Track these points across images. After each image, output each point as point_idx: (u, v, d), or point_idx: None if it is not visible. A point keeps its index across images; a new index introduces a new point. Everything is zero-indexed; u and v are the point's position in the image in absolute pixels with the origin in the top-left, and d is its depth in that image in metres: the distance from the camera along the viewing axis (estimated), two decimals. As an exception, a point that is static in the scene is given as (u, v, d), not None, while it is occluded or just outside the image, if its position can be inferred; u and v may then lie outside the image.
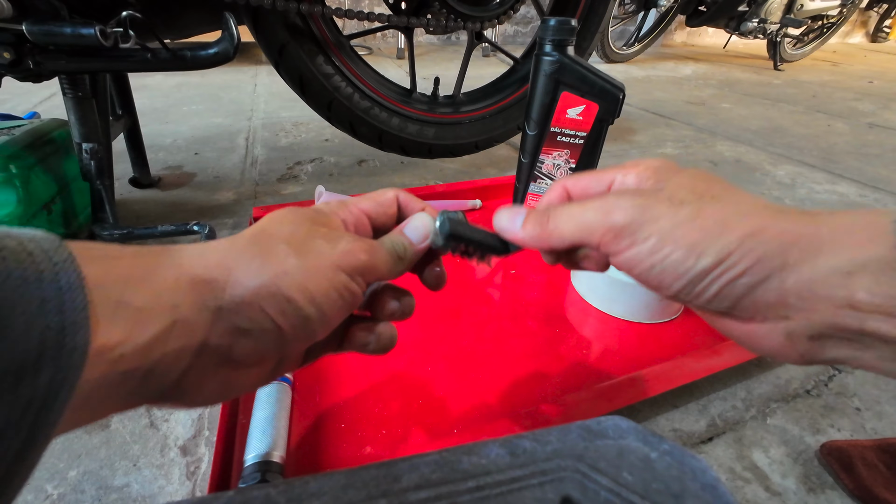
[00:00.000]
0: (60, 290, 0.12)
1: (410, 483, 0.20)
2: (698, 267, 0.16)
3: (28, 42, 0.48)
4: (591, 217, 0.19)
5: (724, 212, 0.17)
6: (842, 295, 0.14)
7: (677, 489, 0.20)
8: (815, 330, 0.15)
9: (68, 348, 0.12)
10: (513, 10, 0.79)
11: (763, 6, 2.13)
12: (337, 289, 0.18)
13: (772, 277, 0.15)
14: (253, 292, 0.16)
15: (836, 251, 0.14)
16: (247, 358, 0.17)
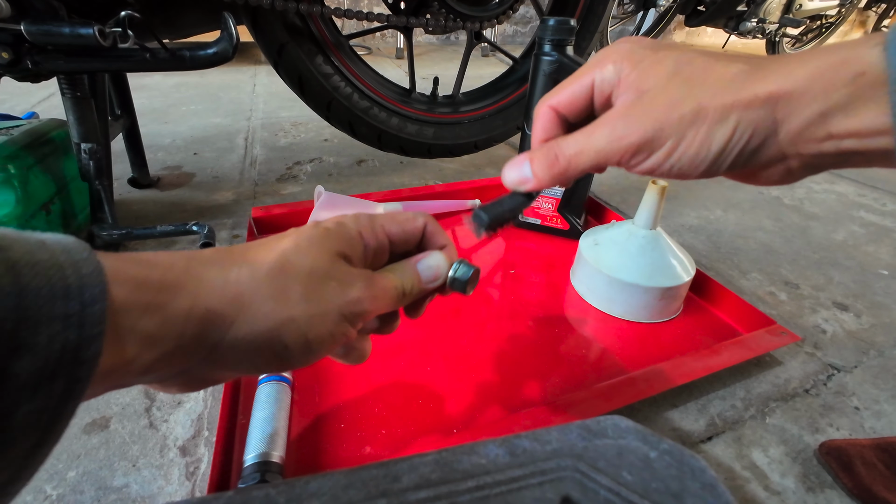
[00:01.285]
0: (83, 306, 0.13)
1: (410, 483, 0.20)
2: (711, 154, 0.19)
3: (26, 42, 0.48)
4: (602, 143, 0.20)
5: (716, 94, 0.18)
6: (822, 132, 0.17)
7: (677, 488, 0.20)
8: (807, 161, 0.19)
9: (81, 361, 0.13)
10: (512, 10, 0.79)
11: (762, 6, 2.13)
12: (334, 334, 0.19)
13: (769, 138, 0.18)
14: (254, 337, 0.17)
15: (812, 99, 0.17)
16: (211, 379, 0.20)
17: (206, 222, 0.61)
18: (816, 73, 0.17)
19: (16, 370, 0.11)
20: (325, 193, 0.62)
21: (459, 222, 0.71)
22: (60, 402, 0.13)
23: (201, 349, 0.17)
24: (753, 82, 0.18)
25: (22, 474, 0.13)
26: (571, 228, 0.67)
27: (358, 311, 0.20)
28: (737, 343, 0.47)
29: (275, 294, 0.18)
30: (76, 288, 0.13)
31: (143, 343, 0.15)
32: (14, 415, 0.12)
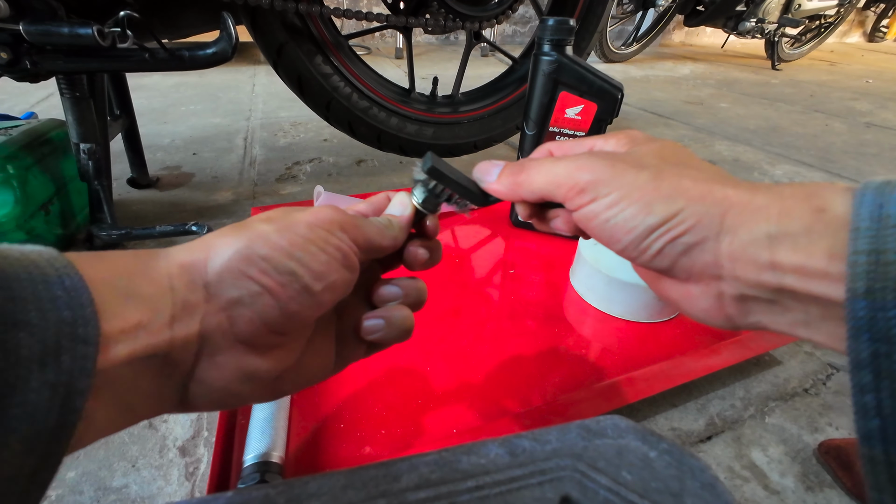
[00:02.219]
0: (67, 290, 0.13)
1: (410, 483, 0.20)
2: (646, 223, 0.18)
3: (25, 42, 0.47)
4: (560, 171, 0.20)
5: (680, 177, 0.18)
6: (765, 257, 0.15)
7: (676, 488, 0.20)
8: (742, 290, 0.17)
9: (81, 338, 0.13)
10: (511, 10, 0.79)
11: (761, 6, 2.13)
12: (316, 242, 0.18)
13: (709, 239, 0.17)
14: (230, 260, 0.17)
15: (766, 218, 0.16)
16: (253, 333, 0.17)
17: (206, 222, 0.61)
18: (777, 196, 0.16)
19: (17, 342, 0.11)
20: (325, 193, 0.62)
21: (458, 222, 0.71)
22: (72, 377, 0.12)
23: (197, 296, 0.16)
24: (715, 182, 0.18)
25: (48, 463, 0.12)
26: (571, 228, 0.67)
27: (328, 218, 0.19)
28: (736, 342, 0.47)
29: (236, 230, 0.18)
30: (55, 277, 0.13)
31: (142, 307, 0.15)
32: (28, 384, 0.12)
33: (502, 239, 0.68)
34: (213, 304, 0.17)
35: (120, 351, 0.14)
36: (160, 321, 0.15)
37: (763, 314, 0.17)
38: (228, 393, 0.18)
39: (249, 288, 0.17)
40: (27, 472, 0.12)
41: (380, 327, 0.21)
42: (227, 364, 0.17)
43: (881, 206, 0.13)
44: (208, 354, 0.17)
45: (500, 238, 0.68)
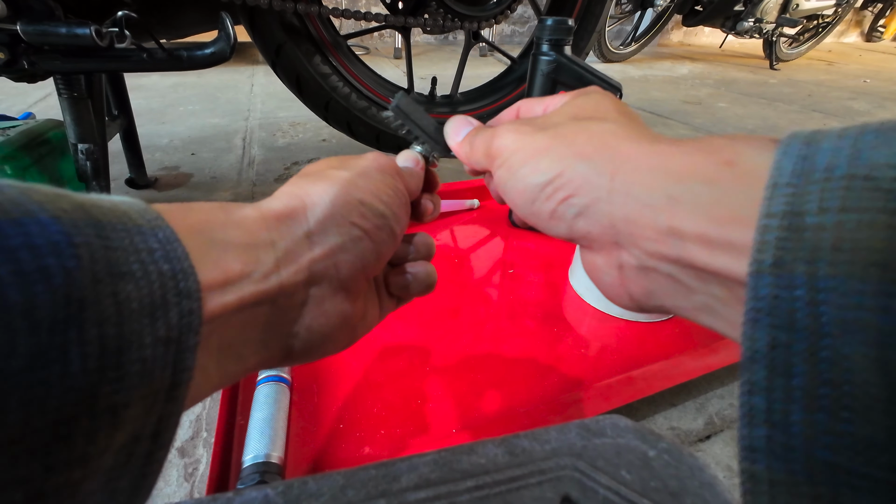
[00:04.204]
0: (161, 243, 0.12)
1: (409, 483, 0.20)
2: (534, 182, 0.17)
3: (23, 42, 0.47)
4: (486, 140, 0.20)
5: (577, 133, 0.17)
6: (664, 221, 0.13)
7: (675, 487, 0.20)
8: (643, 261, 0.14)
9: (184, 292, 0.12)
10: (510, 10, 0.79)
11: (759, 6, 2.14)
12: (391, 186, 0.20)
13: (599, 200, 0.15)
14: (332, 206, 0.17)
15: (666, 174, 0.13)
16: (354, 277, 0.18)
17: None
18: (682, 150, 0.14)
19: (126, 293, 0.10)
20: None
21: (458, 222, 0.71)
22: (182, 331, 0.12)
23: (301, 245, 0.16)
24: (615, 136, 0.16)
25: (168, 423, 0.12)
26: (570, 228, 0.67)
27: (386, 164, 0.21)
28: (735, 342, 0.47)
29: (318, 180, 0.18)
30: (148, 228, 0.12)
31: (244, 256, 0.14)
32: (142, 339, 0.11)
33: (501, 239, 0.68)
34: (318, 251, 0.17)
35: (224, 301, 0.13)
36: (263, 269, 0.15)
37: (665, 296, 0.15)
38: (329, 340, 0.18)
39: (352, 233, 0.17)
40: (149, 432, 0.11)
41: (407, 282, 0.22)
42: (331, 310, 0.18)
43: (805, 157, 0.10)
44: (316, 302, 0.17)
45: (499, 238, 0.68)
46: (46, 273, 0.09)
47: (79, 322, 0.09)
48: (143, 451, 0.11)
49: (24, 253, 0.09)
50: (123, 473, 0.11)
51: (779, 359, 0.09)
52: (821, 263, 0.09)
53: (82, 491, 0.10)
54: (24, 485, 0.08)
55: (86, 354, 0.09)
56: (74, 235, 0.10)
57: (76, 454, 0.09)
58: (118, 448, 0.10)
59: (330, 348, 0.19)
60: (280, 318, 0.16)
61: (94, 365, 0.09)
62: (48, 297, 0.09)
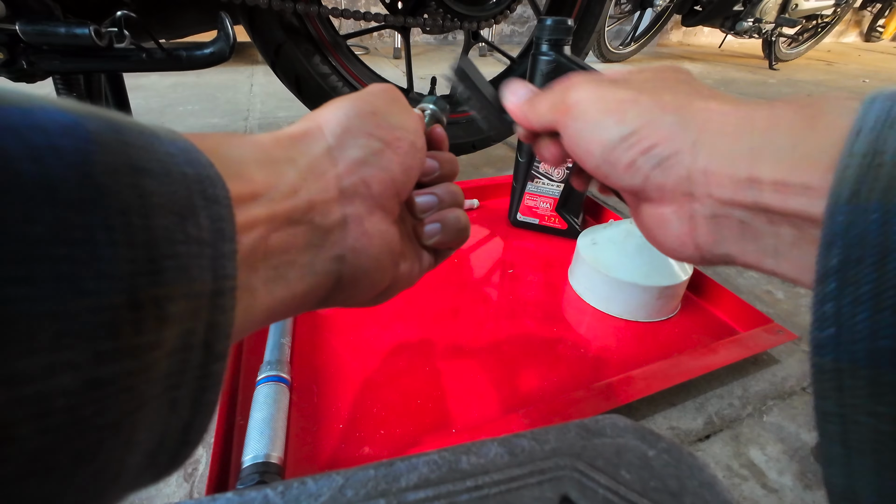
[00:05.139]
0: (181, 150, 0.11)
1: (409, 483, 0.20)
2: (619, 133, 0.17)
3: (22, 42, 0.47)
4: (556, 96, 0.20)
5: (662, 91, 0.17)
6: (744, 171, 0.14)
7: (675, 487, 0.20)
8: (715, 210, 0.15)
9: (212, 198, 0.11)
10: (509, 10, 0.79)
11: (758, 6, 2.14)
12: (400, 102, 0.20)
13: (682, 152, 0.16)
14: (347, 120, 0.17)
15: (751, 129, 0.14)
16: (386, 193, 0.17)
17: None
18: (767, 107, 0.15)
19: (147, 187, 0.10)
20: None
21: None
22: (215, 238, 0.11)
23: (323, 160, 0.16)
24: (699, 96, 0.17)
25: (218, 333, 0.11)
26: (569, 228, 0.67)
27: (395, 92, 0.21)
28: (734, 341, 0.47)
29: (330, 102, 0.19)
30: (167, 138, 0.11)
31: (266, 170, 0.14)
32: (173, 235, 0.10)
33: (501, 238, 0.68)
34: (342, 166, 0.17)
35: (254, 214, 0.13)
36: (288, 184, 0.15)
37: (733, 242, 0.16)
38: (376, 266, 0.18)
39: (372, 146, 0.17)
40: (199, 341, 0.11)
41: (436, 230, 0.22)
42: (373, 230, 0.17)
43: (891, 108, 0.11)
44: (355, 221, 0.17)
45: (499, 238, 0.68)
46: (59, 152, 0.08)
47: (102, 207, 0.09)
48: (198, 361, 0.11)
49: (34, 133, 0.08)
50: (181, 382, 0.11)
51: (850, 272, 0.11)
52: (895, 191, 0.10)
53: (141, 389, 0.09)
54: (74, 370, 0.08)
55: (114, 241, 0.09)
56: (87, 123, 0.09)
57: (125, 344, 0.09)
58: (170, 351, 0.10)
59: (377, 277, 0.18)
60: (322, 240, 0.16)
61: (125, 253, 0.09)
62: (64, 172, 0.08)
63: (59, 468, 0.08)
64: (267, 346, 0.42)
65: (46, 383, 0.08)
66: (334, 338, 0.47)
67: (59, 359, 0.08)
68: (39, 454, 0.08)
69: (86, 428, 0.08)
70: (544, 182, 0.65)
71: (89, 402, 0.08)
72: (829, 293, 0.11)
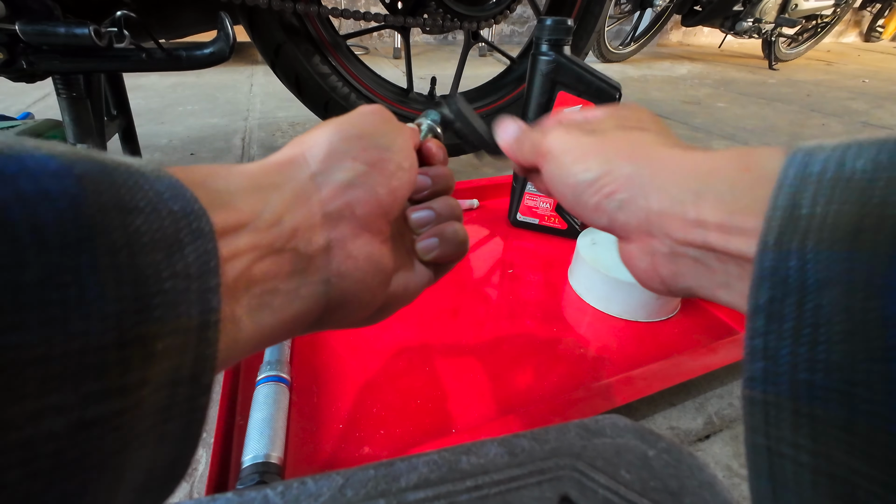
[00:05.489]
0: (168, 187, 0.12)
1: (409, 483, 0.20)
2: (584, 179, 0.19)
3: (21, 42, 0.47)
4: (536, 140, 0.23)
5: (624, 140, 0.20)
6: (692, 214, 0.16)
7: (675, 487, 0.20)
8: (672, 248, 0.17)
9: (198, 230, 0.12)
10: (509, 10, 0.79)
11: (758, 6, 2.14)
12: (388, 122, 0.20)
13: (638, 196, 0.18)
14: (329, 147, 0.18)
15: (696, 176, 0.16)
16: (371, 214, 0.18)
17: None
18: (710, 158, 0.17)
19: (135, 226, 0.10)
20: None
21: (457, 222, 0.71)
22: (201, 268, 0.11)
23: (307, 185, 0.16)
24: (655, 145, 0.19)
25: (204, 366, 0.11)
26: (569, 228, 0.67)
27: (385, 113, 0.22)
28: (734, 341, 0.47)
29: (316, 128, 0.19)
30: (152, 176, 0.12)
31: (250, 200, 0.14)
32: (160, 273, 0.10)
33: (501, 239, 0.68)
34: (326, 191, 0.17)
35: (238, 244, 0.13)
36: (272, 212, 0.15)
37: (691, 277, 0.17)
38: (363, 288, 0.18)
39: (356, 169, 0.18)
40: (186, 374, 0.11)
41: (434, 245, 0.22)
42: (357, 252, 0.17)
43: (805, 165, 0.13)
44: (339, 245, 0.17)
45: (499, 238, 0.68)
46: (49, 196, 0.09)
47: (90, 248, 0.09)
48: (185, 395, 0.11)
49: (24, 180, 0.08)
50: (168, 417, 0.11)
51: (775, 310, 0.12)
52: (809, 240, 0.12)
53: (128, 427, 0.10)
54: (62, 412, 0.08)
55: (102, 281, 0.09)
56: (75, 167, 0.09)
57: (112, 384, 0.09)
58: (157, 387, 0.10)
59: (367, 298, 0.18)
60: (306, 266, 0.16)
61: (112, 293, 0.09)
62: (54, 217, 0.08)
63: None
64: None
65: (34, 428, 0.08)
66: (334, 338, 0.47)
67: (47, 403, 0.08)
68: (27, 498, 0.08)
69: (73, 470, 0.09)
70: (544, 182, 0.65)
71: (76, 444, 0.09)
72: (758, 328, 0.12)
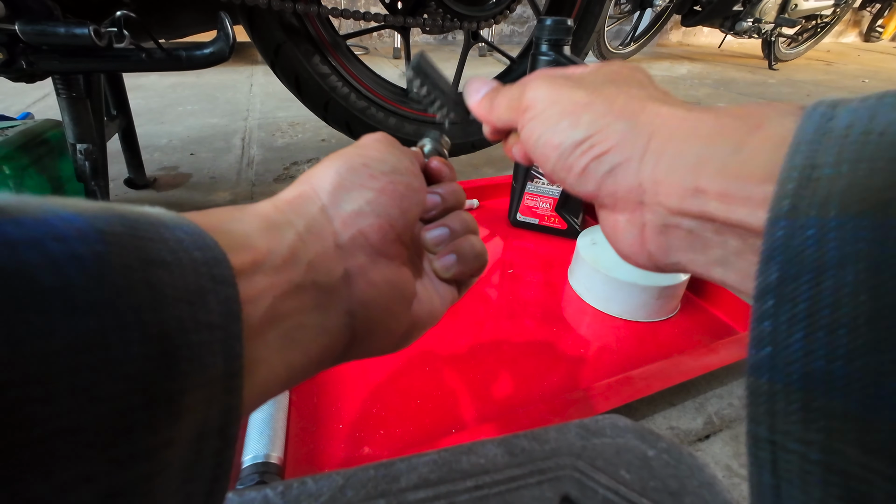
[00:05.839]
0: (188, 234, 0.12)
1: (409, 483, 0.20)
2: (572, 138, 0.17)
3: (21, 42, 0.47)
4: (514, 93, 0.20)
5: (617, 94, 0.17)
6: (690, 181, 0.14)
7: (675, 487, 0.20)
8: (664, 219, 0.15)
9: (219, 277, 0.12)
10: (509, 10, 0.79)
11: (758, 6, 2.14)
12: (392, 146, 0.20)
13: (632, 160, 0.16)
14: (337, 179, 0.17)
15: (697, 138, 0.14)
16: (385, 240, 0.18)
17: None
18: (714, 116, 0.15)
19: (158, 278, 0.10)
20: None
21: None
22: (225, 319, 0.11)
23: (319, 218, 0.16)
24: (653, 100, 0.17)
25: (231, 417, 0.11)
26: (569, 228, 0.67)
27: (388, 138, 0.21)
28: (734, 341, 0.47)
29: (324, 160, 0.19)
30: (171, 223, 0.12)
31: (265, 238, 0.14)
32: (183, 325, 0.10)
33: (501, 238, 0.68)
34: (338, 222, 0.17)
35: (258, 285, 0.13)
36: (287, 246, 0.15)
37: (683, 251, 0.16)
38: (387, 314, 0.18)
39: (365, 196, 0.17)
40: (215, 426, 0.11)
41: (452, 262, 0.22)
42: (377, 279, 0.17)
43: (830, 118, 0.11)
44: (358, 273, 0.17)
45: (499, 238, 0.68)
46: (78, 258, 0.09)
47: (115, 308, 0.09)
48: (212, 449, 0.11)
49: (51, 242, 0.08)
50: (195, 475, 0.11)
51: (787, 289, 0.11)
52: (832, 206, 0.10)
53: (157, 490, 0.09)
54: (91, 482, 0.08)
55: (128, 340, 0.09)
56: (100, 224, 0.09)
57: (140, 447, 0.09)
58: (185, 444, 0.10)
59: (392, 324, 0.18)
60: (329, 300, 0.16)
61: (138, 351, 0.09)
62: (82, 280, 0.08)
63: None
64: (267, 347, 0.42)
65: (62, 502, 0.08)
66: (334, 338, 0.47)
67: (75, 474, 0.08)
68: None
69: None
70: (544, 182, 0.65)
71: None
72: (766, 310, 0.11)
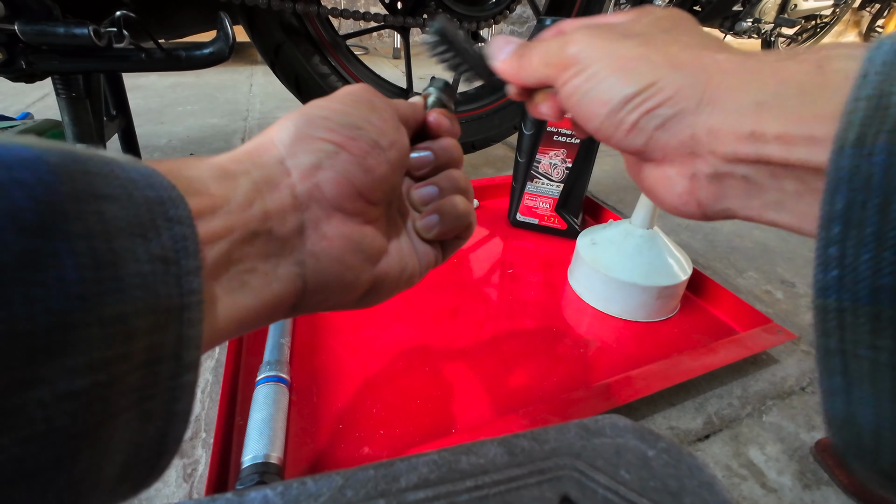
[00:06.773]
0: (143, 175, 0.12)
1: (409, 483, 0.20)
2: (623, 93, 0.16)
3: (20, 42, 0.47)
4: (552, 48, 0.19)
5: (669, 44, 0.16)
6: (748, 126, 0.14)
7: (675, 487, 0.20)
8: (717, 167, 0.15)
9: (175, 218, 0.12)
10: (509, 10, 0.79)
11: (757, 6, 2.14)
12: (362, 100, 0.19)
13: (688, 112, 0.15)
14: (295, 131, 0.17)
15: (758, 83, 0.14)
16: (343, 195, 0.17)
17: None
18: (775, 59, 0.14)
19: (110, 213, 0.10)
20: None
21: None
22: (178, 256, 0.12)
23: (276, 170, 0.16)
24: (707, 48, 0.16)
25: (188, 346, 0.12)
26: (569, 228, 0.67)
27: (360, 88, 0.20)
28: (733, 341, 0.47)
29: (286, 115, 0.19)
30: (128, 164, 0.12)
31: (222, 186, 0.15)
32: (135, 254, 0.11)
33: (500, 239, 0.68)
34: (296, 174, 0.17)
35: (213, 227, 0.14)
36: (244, 195, 0.15)
37: (735, 198, 0.15)
38: (342, 266, 0.17)
39: (324, 148, 0.17)
40: (169, 352, 0.11)
41: (434, 222, 0.21)
42: (333, 233, 0.17)
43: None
44: (312, 227, 0.17)
45: (499, 238, 0.68)
46: (24, 184, 0.09)
47: (65, 233, 0.09)
48: (168, 373, 0.12)
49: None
50: (152, 394, 0.11)
51: (854, 215, 0.11)
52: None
53: (113, 401, 0.10)
54: (48, 383, 0.09)
55: (80, 264, 0.10)
56: (49, 157, 0.10)
57: (94, 358, 0.10)
58: (140, 363, 0.11)
59: (349, 278, 0.18)
60: (281, 247, 0.16)
61: (90, 275, 0.10)
62: (30, 203, 0.09)
63: (39, 475, 0.09)
64: (266, 347, 0.42)
65: (22, 396, 0.09)
66: (334, 338, 0.47)
67: (34, 374, 0.09)
68: (20, 462, 0.09)
69: (62, 437, 0.09)
70: (544, 182, 0.65)
71: (63, 412, 0.09)
72: (833, 237, 0.11)
